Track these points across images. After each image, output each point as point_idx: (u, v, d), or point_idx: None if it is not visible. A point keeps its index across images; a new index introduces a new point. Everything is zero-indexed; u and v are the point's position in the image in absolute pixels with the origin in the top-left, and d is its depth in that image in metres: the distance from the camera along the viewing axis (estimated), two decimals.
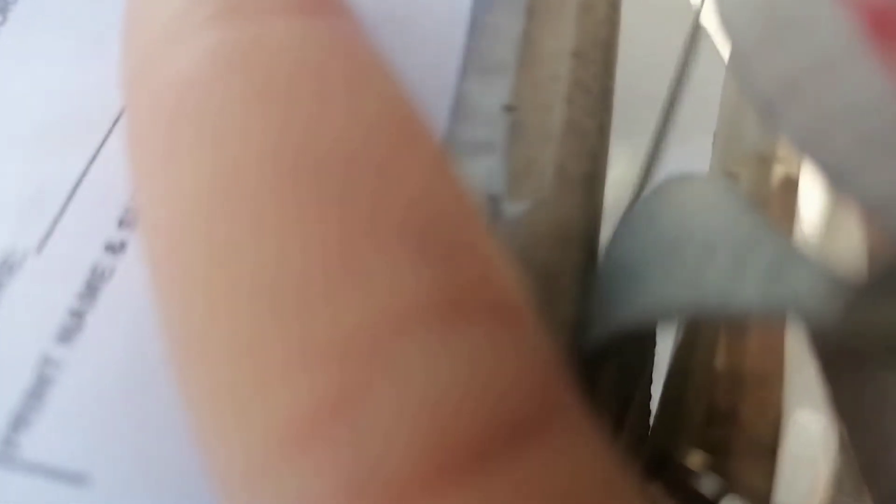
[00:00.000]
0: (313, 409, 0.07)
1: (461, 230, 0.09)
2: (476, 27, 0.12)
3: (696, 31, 0.19)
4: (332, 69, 0.09)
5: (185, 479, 0.09)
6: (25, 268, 0.10)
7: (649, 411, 0.13)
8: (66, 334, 0.10)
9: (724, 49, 0.21)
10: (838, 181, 0.09)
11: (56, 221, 0.11)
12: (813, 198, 0.17)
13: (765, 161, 0.16)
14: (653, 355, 0.12)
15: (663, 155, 0.18)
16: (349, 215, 0.08)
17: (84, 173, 0.11)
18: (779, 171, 0.16)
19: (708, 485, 0.13)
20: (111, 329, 0.10)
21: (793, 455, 0.14)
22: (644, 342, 0.12)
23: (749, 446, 0.14)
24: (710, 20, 0.19)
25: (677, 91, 0.18)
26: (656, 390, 0.13)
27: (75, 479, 0.09)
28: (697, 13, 0.19)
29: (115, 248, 0.11)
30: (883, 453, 0.09)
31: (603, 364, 0.11)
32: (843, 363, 0.09)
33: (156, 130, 0.09)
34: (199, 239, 0.08)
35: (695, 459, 0.13)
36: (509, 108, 0.11)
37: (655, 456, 0.13)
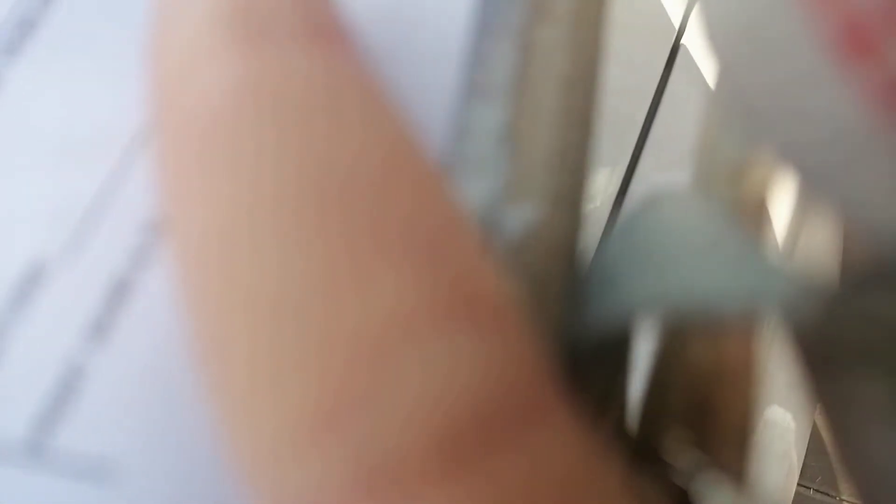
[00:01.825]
0: (327, 403, 0.08)
1: (455, 243, 0.09)
2: (473, 55, 0.12)
3: (675, 53, 0.19)
4: (343, 100, 0.09)
5: (210, 471, 0.10)
6: (53, 277, 0.11)
7: (627, 407, 0.13)
8: (93, 339, 0.10)
9: (704, 69, 0.22)
10: (816, 189, 0.10)
11: (82, 230, 0.11)
12: (785, 209, 0.17)
13: (740, 175, 0.17)
14: (631, 354, 0.13)
15: (643, 168, 0.18)
16: (355, 229, 0.09)
17: (109, 183, 0.11)
18: (753, 184, 0.17)
19: (687, 477, 0.14)
20: (137, 334, 0.10)
21: (766, 450, 0.14)
22: (624, 342, 0.13)
23: (726, 440, 0.14)
24: (691, 42, 0.20)
25: (656, 109, 0.18)
26: (637, 387, 0.14)
27: (104, 476, 0.10)
28: (677, 36, 0.20)
29: (139, 255, 0.11)
30: (856, 449, 0.10)
31: (586, 363, 0.11)
32: (820, 363, 0.10)
33: (186, 151, 0.09)
34: (224, 247, 0.09)
35: (675, 453, 0.14)
36: (504, 132, 0.12)
37: (638, 449, 0.14)
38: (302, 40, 0.10)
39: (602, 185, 0.18)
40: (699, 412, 0.14)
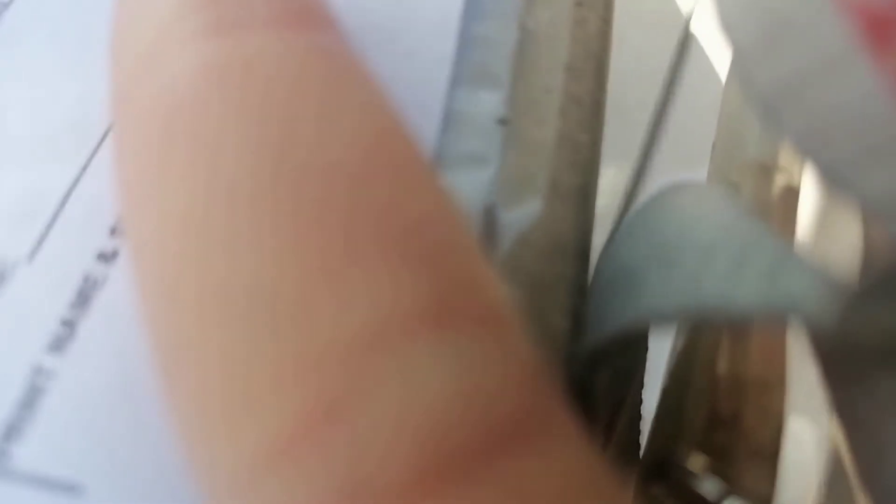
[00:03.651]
0: (301, 418, 0.07)
1: (443, 240, 0.09)
2: (467, 39, 0.12)
3: (686, 39, 0.19)
4: (315, 86, 0.09)
5: (177, 488, 0.09)
6: (17, 277, 0.10)
7: (640, 415, 0.13)
8: (58, 343, 0.10)
9: (716, 57, 0.21)
10: (837, 183, 0.09)
11: (47, 231, 0.11)
12: (812, 205, 0.17)
13: (765, 170, 0.16)
14: (644, 360, 0.12)
15: (653, 164, 0.18)
16: (329, 228, 0.08)
17: (75, 183, 0.11)
18: (779, 180, 0.16)
19: (709, 487, 0.13)
20: (103, 338, 0.10)
21: (786, 461, 0.14)
22: (636, 347, 0.12)
23: (750, 451, 0.14)
24: (701, 28, 0.19)
25: (667, 100, 0.18)
26: (653, 395, 0.13)
27: (68, 489, 0.09)
28: (688, 21, 0.19)
29: (106, 257, 0.11)
30: (878, 458, 0.09)
31: (596, 370, 0.11)
32: (842, 366, 0.09)
33: (146, 145, 0.09)
34: (187, 251, 0.08)
35: (696, 462, 0.13)
36: (502, 121, 0.11)
37: (656, 459, 0.13)
38: (277, 25, 0.10)
39: (611, 179, 0.17)
40: (723, 427, 0.14)
